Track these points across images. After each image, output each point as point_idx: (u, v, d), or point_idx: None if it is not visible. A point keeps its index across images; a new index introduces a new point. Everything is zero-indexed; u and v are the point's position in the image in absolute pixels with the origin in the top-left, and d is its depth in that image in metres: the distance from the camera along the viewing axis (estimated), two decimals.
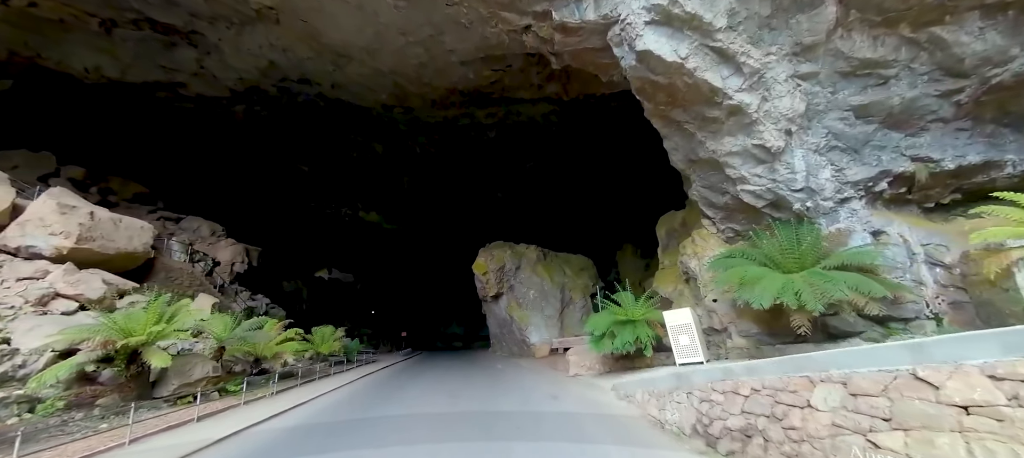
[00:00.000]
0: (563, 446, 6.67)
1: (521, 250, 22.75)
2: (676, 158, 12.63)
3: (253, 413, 10.05)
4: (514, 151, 36.51)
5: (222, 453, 7.28)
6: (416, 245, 44.83)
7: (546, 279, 21.62)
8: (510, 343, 23.42)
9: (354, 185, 38.12)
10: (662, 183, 31.01)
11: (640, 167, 32.69)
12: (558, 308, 21.53)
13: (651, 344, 12.19)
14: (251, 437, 8.28)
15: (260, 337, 14.83)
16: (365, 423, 9.13)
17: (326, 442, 7.53)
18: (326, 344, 19.88)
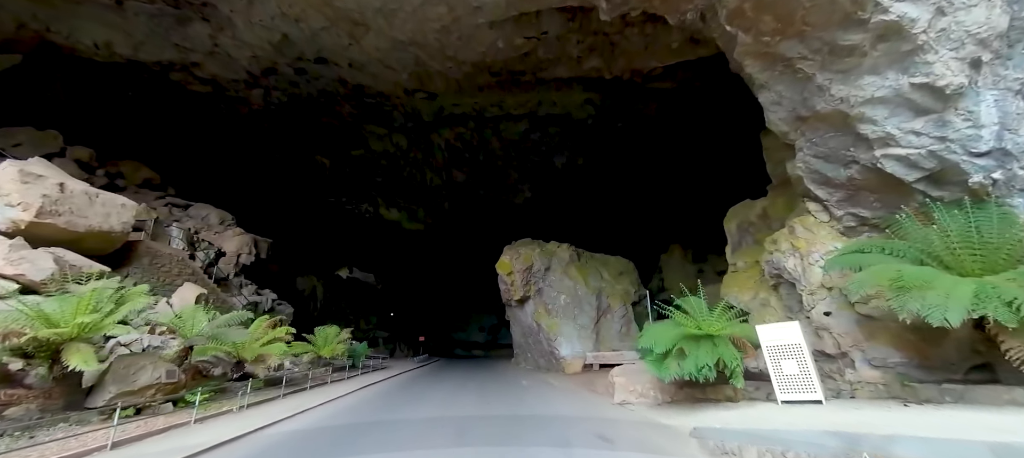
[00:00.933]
0: None
1: (552, 249, 19.41)
2: (776, 116, 9.11)
3: (177, 441, 7.19)
4: (546, 146, 33.48)
5: None
6: (438, 245, 42.19)
7: (580, 283, 18.21)
8: (536, 354, 20.06)
9: (375, 181, 35.91)
10: (720, 174, 26.86)
11: (691, 156, 28.90)
12: (593, 316, 18.04)
13: (740, 371, 8.64)
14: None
15: (237, 335, 12.16)
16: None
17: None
18: (328, 346, 17.15)
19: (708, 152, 27.17)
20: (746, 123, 21.77)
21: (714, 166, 26.48)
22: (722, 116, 23.46)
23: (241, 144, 29.83)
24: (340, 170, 34.52)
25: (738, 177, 22.35)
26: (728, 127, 23.70)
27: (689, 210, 25.38)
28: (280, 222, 36.48)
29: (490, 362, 31.18)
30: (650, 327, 10.18)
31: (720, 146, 25.26)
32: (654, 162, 31.80)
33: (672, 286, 19.45)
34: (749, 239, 12.50)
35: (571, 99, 26.82)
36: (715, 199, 24.65)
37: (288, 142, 30.89)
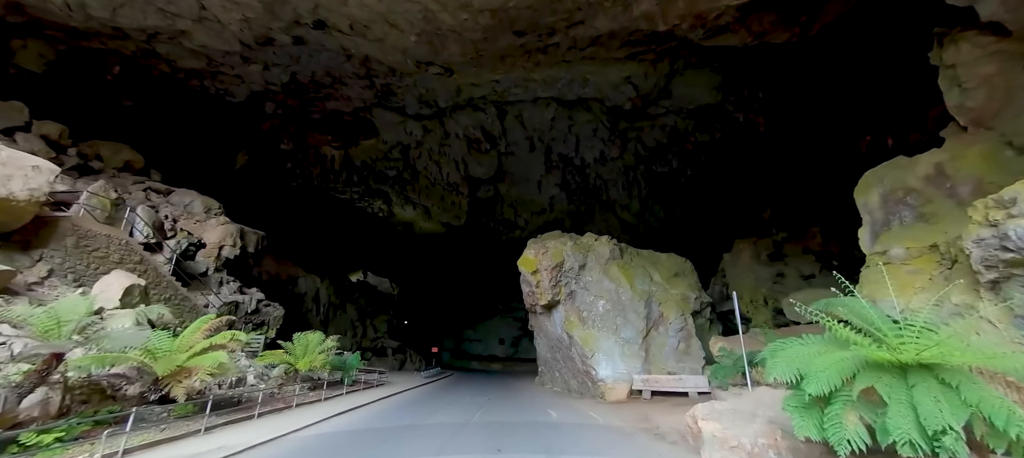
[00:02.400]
0: None
1: (587, 242, 15.06)
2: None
3: None
4: (577, 136, 29.31)
5: None
6: (454, 247, 38.38)
7: (624, 285, 13.81)
8: (566, 373, 15.67)
9: (387, 175, 32.58)
10: (808, 145, 21.51)
11: (764, 132, 24.02)
12: (641, 329, 13.56)
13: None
14: None
15: (161, 343, 8.43)
16: None
17: None
18: (307, 357, 13.24)
19: (788, 121, 22.25)
20: (847, 80, 16.85)
21: (797, 137, 21.51)
22: (813, 73, 18.74)
23: (240, 132, 27.03)
24: (350, 162, 31.36)
25: (831, 149, 17.52)
26: (824, 86, 18.93)
27: (762, 196, 20.61)
28: (284, 218, 33.52)
29: (509, 379, 26.75)
30: (782, 347, 5.70)
31: (808, 113, 20.37)
32: (712, 146, 27.06)
33: (741, 292, 14.85)
34: (908, 214, 7.92)
35: (607, 76, 22.64)
36: (799, 179, 19.74)
37: (292, 130, 27.92)
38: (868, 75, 16.89)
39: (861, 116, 16.56)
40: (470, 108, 27.12)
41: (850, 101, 17.24)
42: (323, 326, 28.00)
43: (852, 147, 17.01)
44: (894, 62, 15.57)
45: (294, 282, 27.12)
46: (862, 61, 16.40)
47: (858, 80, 17.37)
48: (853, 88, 17.19)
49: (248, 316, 17.52)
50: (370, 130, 29.52)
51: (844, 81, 17.93)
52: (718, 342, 12.22)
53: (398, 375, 24.37)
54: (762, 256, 15.77)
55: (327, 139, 30.12)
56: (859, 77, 17.27)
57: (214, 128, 25.89)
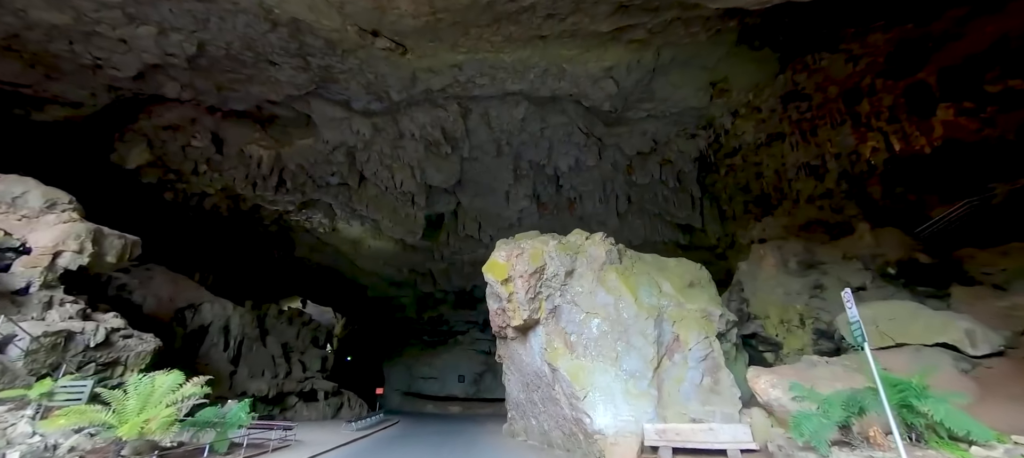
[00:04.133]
0: None
1: (576, 242, 11.24)
2: None
3: None
4: (549, 141, 26.16)
5: None
6: (407, 268, 33.44)
7: (626, 298, 10.09)
8: (547, 421, 11.42)
9: (329, 183, 27.77)
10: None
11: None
12: (651, 357, 9.79)
13: None
14: None
15: None
16: None
17: None
18: (141, 416, 8.00)
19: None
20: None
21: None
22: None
23: (128, 117, 21.60)
24: (282, 166, 26.34)
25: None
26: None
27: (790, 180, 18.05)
28: (191, 230, 27.50)
29: (470, 427, 21.83)
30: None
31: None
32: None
33: (766, 310, 11.67)
34: None
35: (586, 65, 19.81)
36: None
37: (205, 115, 22.76)
38: None
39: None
40: (428, 103, 23.39)
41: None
42: (233, 364, 22.03)
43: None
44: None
45: (194, 309, 21.21)
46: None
47: None
48: None
49: (89, 351, 11.99)
50: (307, 127, 24.96)
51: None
52: (763, 375, 8.68)
53: (320, 429, 18.85)
54: (791, 264, 12.69)
55: (254, 136, 25.15)
56: None
57: (94, 113, 20.35)
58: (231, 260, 29.74)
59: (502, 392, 34.09)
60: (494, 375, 33.95)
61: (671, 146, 25.21)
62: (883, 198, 16.36)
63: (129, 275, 19.40)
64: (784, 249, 13.23)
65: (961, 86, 15.39)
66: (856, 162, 18.01)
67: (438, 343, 36.83)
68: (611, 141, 25.70)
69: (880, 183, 16.49)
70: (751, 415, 9.06)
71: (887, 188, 16.37)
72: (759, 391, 8.72)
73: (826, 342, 10.77)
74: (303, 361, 25.57)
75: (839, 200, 18.25)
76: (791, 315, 11.41)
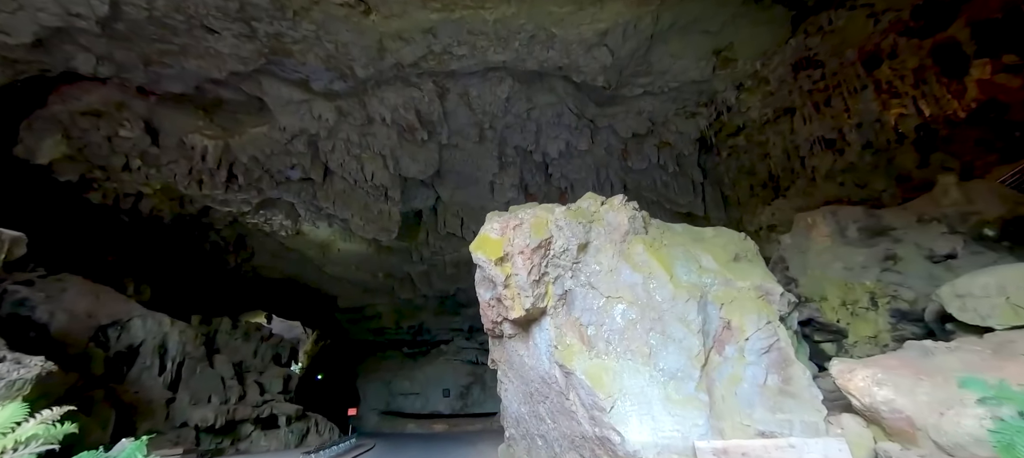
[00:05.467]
0: None
1: (590, 209, 8.73)
2: None
3: None
4: (536, 123, 23.83)
5: None
6: (383, 274, 30.30)
7: (659, 275, 7.71)
8: (558, 440, 8.92)
9: (288, 179, 24.62)
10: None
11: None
12: (696, 351, 7.46)
13: None
14: None
15: None
16: None
17: None
18: None
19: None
20: None
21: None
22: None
23: (33, 100, 18.10)
24: (232, 158, 23.06)
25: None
26: None
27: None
28: (124, 236, 23.78)
29: (459, 448, 18.92)
30: None
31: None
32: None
33: (823, 289, 9.49)
34: None
35: (578, 28, 17.64)
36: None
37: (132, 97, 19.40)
38: None
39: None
40: (400, 82, 20.73)
41: None
42: (171, 390, 18.48)
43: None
44: None
45: (121, 326, 17.64)
46: None
47: None
48: None
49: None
50: (260, 112, 21.86)
51: None
52: (859, 369, 6.39)
53: None
54: (850, 232, 10.55)
55: (196, 124, 21.85)
56: None
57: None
58: (175, 271, 26.00)
59: (493, 405, 31.07)
60: (483, 387, 30.98)
61: (669, 127, 23.32)
62: (919, 167, 14.70)
63: (32, 288, 15.83)
64: (840, 215, 11.13)
65: (999, 40, 13.93)
66: (880, 131, 16.42)
67: (419, 354, 33.62)
68: (604, 123, 23.63)
69: (916, 151, 14.85)
70: (841, 424, 6.74)
71: (923, 156, 14.74)
72: (856, 391, 6.45)
73: (910, 326, 8.64)
74: (261, 382, 22.09)
75: (865, 173, 16.55)
76: (857, 295, 9.27)
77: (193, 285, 27.30)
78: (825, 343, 9.78)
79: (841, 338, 9.39)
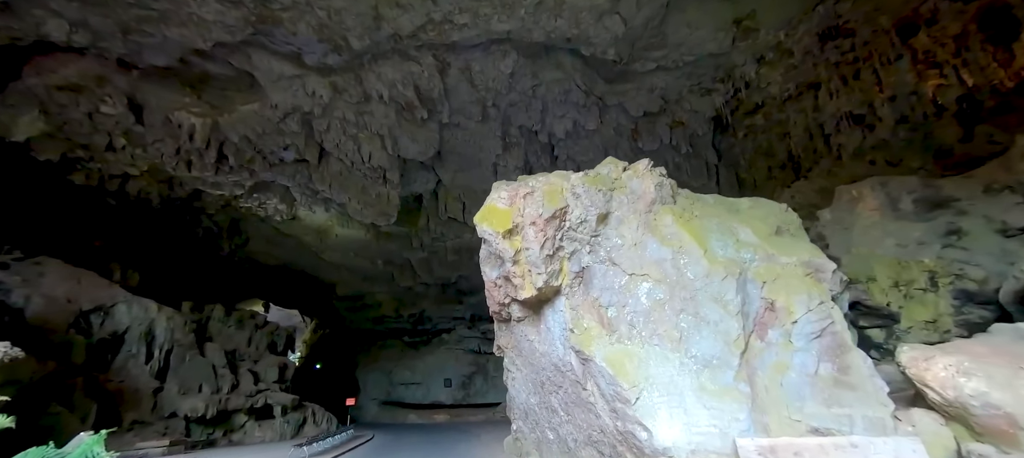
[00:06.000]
0: None
1: (611, 176, 7.62)
2: None
3: None
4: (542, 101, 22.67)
5: None
6: (383, 260, 29.34)
7: (691, 249, 6.70)
8: (574, 435, 7.99)
9: (280, 160, 23.52)
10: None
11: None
12: (735, 335, 6.48)
13: None
14: None
15: None
16: None
17: None
18: None
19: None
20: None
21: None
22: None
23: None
24: (221, 137, 21.95)
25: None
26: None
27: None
28: (111, 224, 22.78)
29: (462, 441, 18.08)
30: None
31: None
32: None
33: (871, 268, 8.40)
34: None
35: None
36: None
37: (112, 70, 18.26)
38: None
39: None
40: (398, 55, 19.52)
41: None
42: (159, 379, 17.63)
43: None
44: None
45: (104, 312, 16.72)
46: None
47: None
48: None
49: None
50: (250, 88, 20.70)
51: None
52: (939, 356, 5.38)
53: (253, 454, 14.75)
54: (903, 204, 9.41)
55: (183, 100, 20.69)
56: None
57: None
58: (166, 256, 25.06)
59: (496, 396, 30.21)
60: (485, 377, 30.17)
61: (682, 105, 22.09)
62: (962, 141, 13.54)
63: (6, 271, 14.88)
64: (891, 186, 9.97)
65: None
66: (917, 104, 15.21)
67: (420, 343, 32.78)
68: (614, 101, 22.39)
69: (958, 124, 13.67)
70: (911, 420, 5.73)
71: (967, 130, 13.57)
72: (936, 382, 5.43)
73: (978, 308, 7.57)
74: (256, 371, 21.24)
75: (898, 150, 15.38)
76: (913, 274, 8.20)
77: (185, 271, 26.38)
78: (872, 329, 8.76)
79: (891, 323, 8.36)
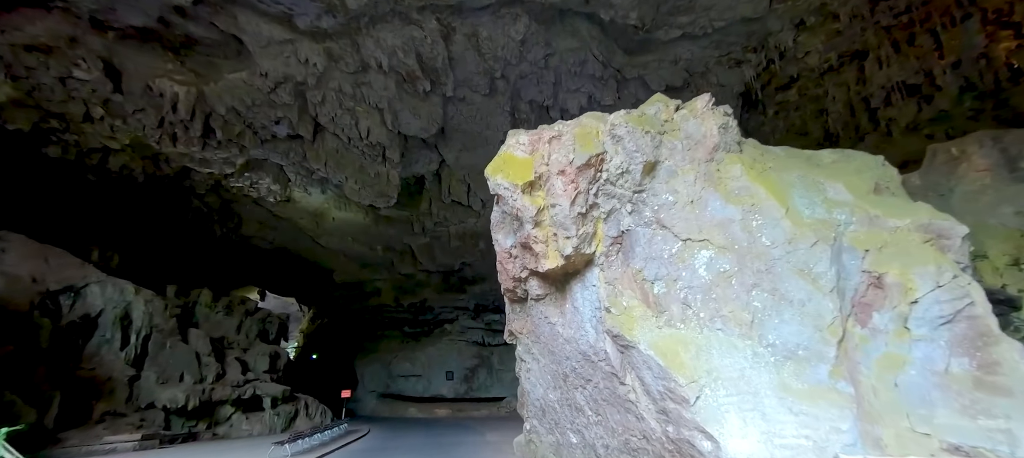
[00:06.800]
0: None
1: (659, 117, 6.03)
2: None
3: None
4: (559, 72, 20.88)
5: None
6: (382, 247, 27.77)
7: (768, 207, 5.14)
8: (607, 437, 6.45)
9: (272, 135, 21.93)
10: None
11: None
12: (830, 317, 4.91)
13: None
14: None
15: None
16: None
17: None
18: None
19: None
20: None
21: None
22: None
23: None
24: (207, 109, 20.36)
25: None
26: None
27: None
28: (92, 201, 21.29)
29: (465, 439, 16.56)
30: None
31: None
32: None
33: (982, 241, 6.62)
34: None
35: None
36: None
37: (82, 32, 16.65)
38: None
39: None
40: (398, 18, 17.82)
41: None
42: (135, 366, 16.17)
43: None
44: None
45: (75, 293, 15.23)
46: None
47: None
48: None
49: None
50: (238, 55, 19.06)
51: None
52: None
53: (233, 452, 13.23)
54: (1020, 164, 7.63)
55: (165, 67, 19.08)
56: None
57: None
58: (152, 238, 23.58)
59: (501, 390, 28.58)
60: (489, 370, 28.64)
61: (709, 78, 20.27)
62: None
63: None
64: (1006, 142, 8.10)
65: None
66: (986, 69, 13.38)
67: (421, 334, 31.27)
68: (633, 74, 20.61)
69: None
70: None
71: None
72: None
73: None
74: (244, 360, 19.77)
75: (962, 121, 13.55)
76: None
77: (173, 255, 24.92)
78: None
79: (1009, 310, 6.65)
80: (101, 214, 21.05)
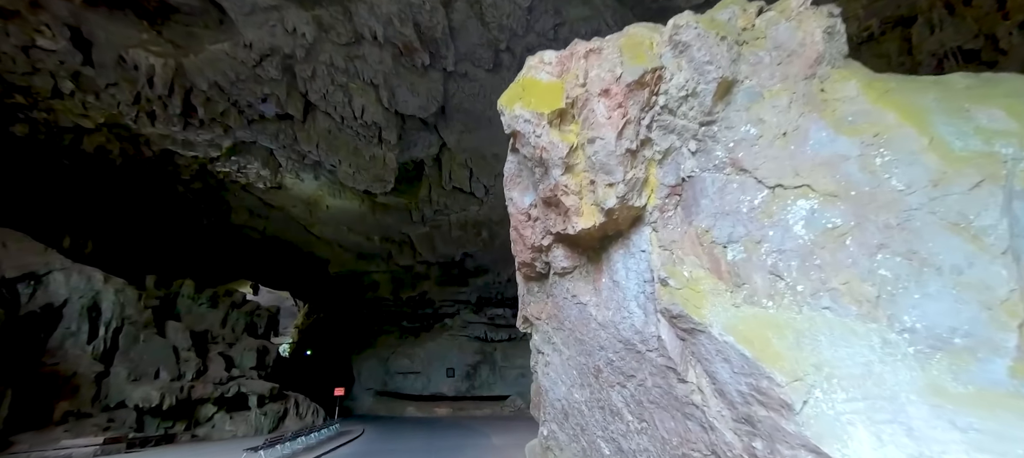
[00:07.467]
0: None
1: (741, 25, 4.48)
2: None
3: None
4: (567, 42, 19.32)
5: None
6: (379, 236, 26.13)
7: (904, 140, 3.72)
8: (649, 450, 5.09)
9: (259, 114, 20.28)
10: None
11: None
12: (1007, 293, 3.57)
13: None
14: None
15: None
16: None
17: None
18: None
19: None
20: None
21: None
22: None
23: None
24: (186, 83, 18.71)
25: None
26: None
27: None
28: (64, 185, 19.65)
29: (470, 441, 14.96)
30: None
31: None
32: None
33: None
34: None
35: None
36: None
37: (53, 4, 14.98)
38: None
39: None
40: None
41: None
42: (104, 362, 14.57)
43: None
44: None
45: (35, 280, 13.61)
46: None
47: None
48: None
49: None
50: (220, 25, 17.41)
51: None
52: None
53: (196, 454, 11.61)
54: None
55: (139, 36, 17.43)
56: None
57: None
58: (131, 226, 21.96)
59: (505, 388, 26.95)
60: (492, 367, 27.04)
61: None
62: None
63: None
64: None
65: None
66: None
67: (420, 329, 29.66)
68: None
69: None
70: None
71: None
72: None
73: None
74: (229, 356, 18.17)
75: None
76: None
77: (156, 244, 23.31)
78: None
79: None
80: (75, 199, 19.44)
